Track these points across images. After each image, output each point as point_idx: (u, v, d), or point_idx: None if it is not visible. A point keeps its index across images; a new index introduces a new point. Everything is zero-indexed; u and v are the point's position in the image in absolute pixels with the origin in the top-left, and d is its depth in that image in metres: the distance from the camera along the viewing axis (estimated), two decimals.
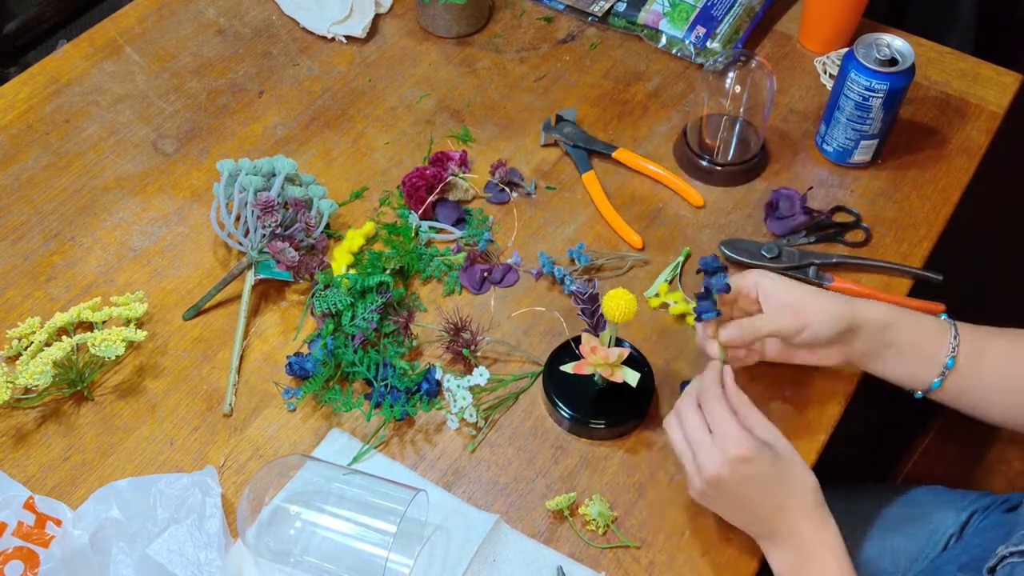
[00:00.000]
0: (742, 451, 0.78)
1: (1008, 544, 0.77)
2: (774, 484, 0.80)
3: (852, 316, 0.87)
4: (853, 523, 1.11)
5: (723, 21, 1.25)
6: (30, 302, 1.04)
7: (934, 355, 0.88)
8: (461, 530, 0.87)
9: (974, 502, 1.07)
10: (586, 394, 0.93)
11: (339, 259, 1.05)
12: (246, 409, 0.96)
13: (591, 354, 0.88)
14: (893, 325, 0.88)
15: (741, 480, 0.79)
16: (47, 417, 0.95)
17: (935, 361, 0.88)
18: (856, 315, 0.87)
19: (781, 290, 0.88)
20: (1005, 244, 1.76)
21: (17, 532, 0.83)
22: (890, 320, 0.88)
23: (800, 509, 0.80)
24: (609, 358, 0.88)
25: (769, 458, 0.79)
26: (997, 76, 1.24)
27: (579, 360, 0.89)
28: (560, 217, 1.11)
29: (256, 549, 0.83)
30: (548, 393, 0.94)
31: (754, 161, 1.14)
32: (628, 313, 0.83)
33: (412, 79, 1.26)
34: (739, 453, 0.78)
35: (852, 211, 1.10)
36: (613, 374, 0.88)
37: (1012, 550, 0.77)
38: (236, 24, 1.33)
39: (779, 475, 0.80)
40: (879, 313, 0.88)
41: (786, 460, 0.81)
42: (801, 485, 0.80)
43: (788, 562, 0.81)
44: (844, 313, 0.87)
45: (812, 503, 0.80)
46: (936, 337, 0.88)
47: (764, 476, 0.79)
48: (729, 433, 0.79)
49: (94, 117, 1.21)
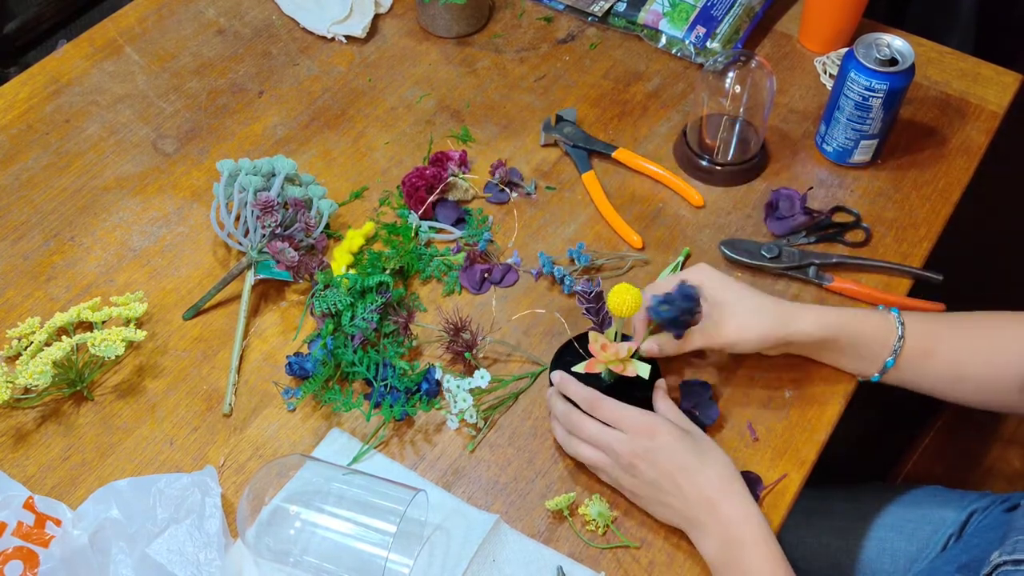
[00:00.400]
0: (645, 426, 0.83)
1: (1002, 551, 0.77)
2: (685, 456, 0.82)
3: (783, 336, 0.90)
4: (853, 523, 1.11)
5: (723, 21, 1.25)
6: (30, 302, 1.04)
7: (875, 356, 0.92)
8: (461, 530, 0.87)
9: (974, 502, 1.07)
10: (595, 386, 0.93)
11: (339, 259, 1.05)
12: (246, 409, 0.96)
13: (601, 351, 0.88)
14: (828, 339, 0.91)
15: (654, 456, 0.83)
16: (47, 417, 0.95)
17: (876, 361, 0.92)
18: (788, 334, 0.90)
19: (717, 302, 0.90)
20: (1005, 244, 1.76)
21: (17, 532, 0.83)
22: (826, 335, 0.91)
23: (718, 490, 0.82)
24: (620, 353, 0.88)
25: (675, 431, 0.83)
26: (997, 76, 1.24)
27: (587, 359, 0.89)
28: (560, 217, 1.11)
29: (256, 549, 0.83)
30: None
31: (754, 161, 1.14)
32: (635, 307, 0.83)
33: (412, 79, 1.26)
34: (643, 428, 0.83)
35: (852, 211, 1.10)
36: (624, 369, 0.88)
37: (1006, 559, 0.77)
38: (236, 24, 1.33)
39: (689, 448, 0.83)
40: (813, 328, 0.90)
41: (696, 436, 0.85)
42: (715, 462, 0.83)
43: (716, 548, 0.82)
44: (772, 333, 0.89)
45: (728, 482, 0.82)
46: (880, 340, 0.91)
47: (673, 448, 0.82)
48: (627, 416, 0.84)
49: (94, 117, 1.21)
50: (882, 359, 0.91)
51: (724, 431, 0.94)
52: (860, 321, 0.91)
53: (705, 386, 0.95)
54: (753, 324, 0.89)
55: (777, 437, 0.94)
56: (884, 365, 0.91)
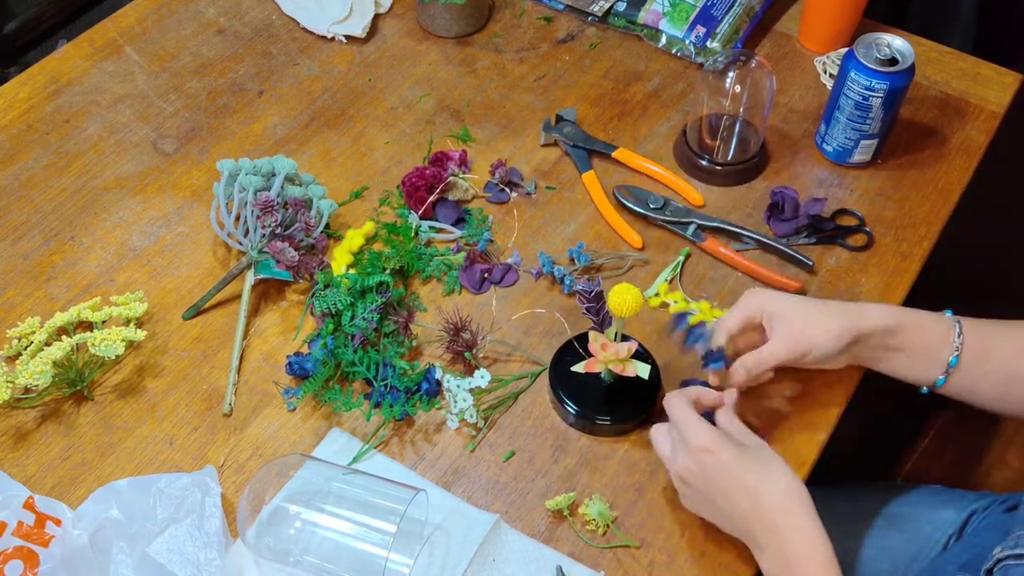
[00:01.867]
0: (702, 441, 0.81)
1: (1004, 546, 0.77)
2: (742, 475, 0.80)
3: (856, 329, 0.88)
4: (853, 522, 1.11)
5: (723, 21, 1.25)
6: (30, 302, 1.04)
7: (938, 355, 0.89)
8: (461, 530, 0.87)
9: (974, 502, 1.07)
10: (592, 391, 0.93)
11: (339, 259, 1.05)
12: (246, 409, 0.96)
13: (601, 351, 0.88)
14: (897, 329, 0.89)
15: (708, 471, 0.81)
16: (47, 417, 0.95)
17: (939, 360, 0.89)
18: (860, 326, 0.88)
19: (785, 312, 0.89)
20: (1005, 244, 1.76)
21: (17, 532, 0.83)
22: (894, 324, 0.89)
23: (778, 508, 0.79)
24: (619, 353, 0.88)
25: (732, 448, 0.81)
26: (997, 76, 1.24)
27: (587, 359, 0.89)
28: (560, 217, 1.11)
29: (256, 549, 0.83)
30: (555, 391, 0.94)
31: (754, 161, 1.14)
32: (635, 307, 0.84)
33: (412, 79, 1.26)
34: (699, 443, 0.81)
35: (856, 214, 1.10)
36: (624, 369, 0.88)
37: (1008, 553, 0.77)
38: (236, 24, 1.33)
39: (746, 466, 0.80)
40: (883, 319, 0.89)
41: (756, 454, 0.82)
42: (776, 480, 0.80)
43: (774, 570, 0.80)
44: (848, 329, 0.88)
45: (790, 501, 0.79)
46: (941, 337, 0.89)
47: (729, 465, 0.80)
48: (689, 428, 0.82)
49: (94, 117, 1.21)
50: (944, 358, 0.89)
51: None
52: (920, 316, 0.90)
53: (705, 386, 0.95)
54: (830, 324, 0.88)
55: (777, 437, 0.94)
56: (948, 364, 0.89)
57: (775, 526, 0.79)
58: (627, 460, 0.92)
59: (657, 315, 1.02)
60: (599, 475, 0.91)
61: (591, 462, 0.92)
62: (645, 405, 0.94)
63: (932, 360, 0.90)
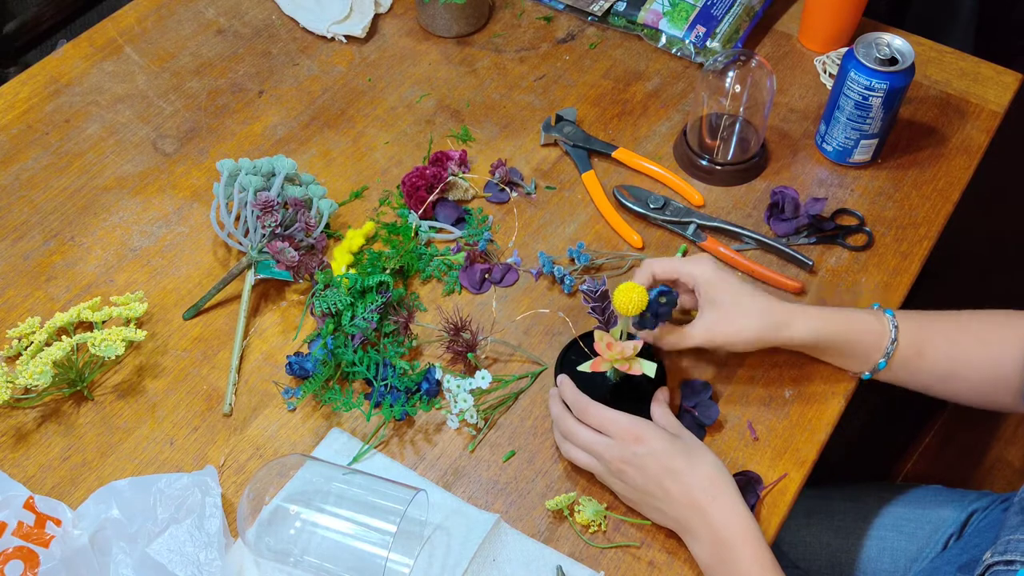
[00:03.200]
0: (632, 431, 0.84)
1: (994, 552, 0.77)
2: (672, 460, 0.82)
3: (775, 341, 0.90)
4: (853, 522, 1.11)
5: (723, 20, 1.25)
6: (30, 302, 1.04)
7: (867, 358, 0.92)
8: (461, 530, 0.87)
9: (974, 501, 1.08)
10: (597, 390, 0.93)
11: (339, 259, 1.05)
12: (246, 409, 0.96)
13: (607, 350, 0.88)
14: (824, 345, 0.92)
15: (641, 460, 0.83)
16: (47, 417, 0.95)
17: (868, 362, 0.92)
18: (779, 338, 0.90)
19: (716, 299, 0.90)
20: (1005, 244, 1.76)
21: (17, 532, 0.83)
22: (818, 340, 0.91)
23: (706, 492, 0.81)
24: (625, 352, 0.87)
25: (664, 436, 0.84)
26: (997, 76, 1.24)
27: (593, 358, 0.89)
28: (560, 217, 1.11)
29: (256, 549, 0.83)
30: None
31: (754, 160, 1.14)
32: (640, 305, 0.83)
33: (412, 79, 1.26)
34: (630, 433, 0.84)
35: (856, 214, 1.10)
36: (630, 367, 0.88)
37: (998, 559, 0.76)
38: (236, 24, 1.32)
39: (678, 451, 0.83)
40: (806, 334, 0.90)
41: (685, 440, 0.85)
42: (704, 464, 0.83)
43: (707, 552, 0.82)
44: (766, 339, 0.90)
45: (717, 485, 0.82)
46: (872, 343, 0.91)
47: (660, 452, 0.82)
48: (615, 422, 0.85)
49: (94, 117, 1.21)
50: (874, 360, 0.91)
51: (724, 431, 0.94)
52: (854, 324, 0.91)
53: (705, 386, 0.95)
54: (748, 326, 0.89)
55: (777, 437, 0.94)
56: (876, 366, 0.92)
57: (704, 509, 0.81)
58: None
59: None
60: None
61: None
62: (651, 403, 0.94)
63: (860, 361, 0.93)
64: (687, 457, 0.83)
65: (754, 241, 1.07)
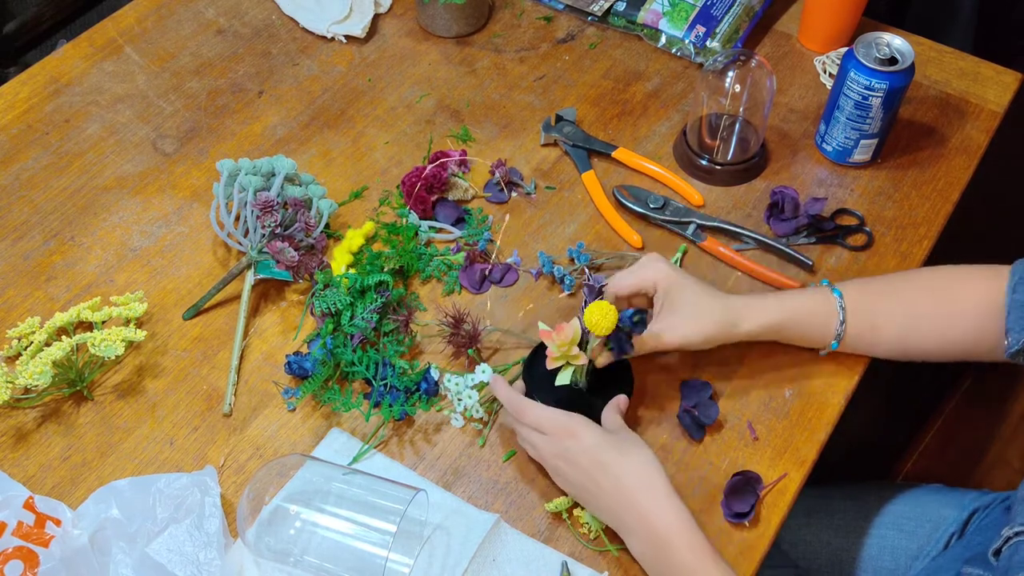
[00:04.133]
0: (564, 427, 0.84)
1: (1013, 524, 0.78)
2: (604, 453, 0.83)
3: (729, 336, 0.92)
4: (854, 521, 1.11)
5: (723, 20, 1.25)
6: (30, 302, 1.04)
7: (820, 339, 0.95)
8: (461, 529, 0.87)
9: (975, 500, 1.08)
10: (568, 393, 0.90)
11: (339, 259, 1.05)
12: (246, 409, 0.96)
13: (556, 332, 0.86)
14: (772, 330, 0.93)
15: (574, 456, 0.83)
16: (47, 417, 0.95)
17: (822, 341, 0.95)
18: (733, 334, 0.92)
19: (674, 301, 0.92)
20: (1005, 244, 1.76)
21: (17, 532, 0.83)
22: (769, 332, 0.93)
23: (635, 484, 0.82)
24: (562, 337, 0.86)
25: (596, 431, 0.84)
26: (997, 76, 1.24)
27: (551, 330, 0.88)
28: (560, 217, 1.11)
29: (256, 549, 0.83)
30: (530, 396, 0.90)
31: (754, 160, 1.14)
32: (610, 324, 0.83)
33: (412, 79, 1.26)
34: (561, 429, 0.84)
35: (856, 214, 1.10)
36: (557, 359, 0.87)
37: (1018, 530, 0.77)
38: (236, 24, 1.33)
39: (610, 445, 0.83)
40: (757, 329, 0.92)
41: (620, 438, 0.85)
42: (635, 457, 0.83)
43: (642, 546, 0.82)
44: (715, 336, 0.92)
45: (647, 476, 0.82)
46: (821, 325, 0.94)
47: (592, 448, 0.83)
48: (548, 419, 0.85)
49: (94, 117, 1.21)
50: (827, 341, 0.94)
51: (724, 431, 0.94)
52: (802, 309, 0.94)
53: (705, 386, 0.95)
54: (699, 328, 0.91)
55: (777, 437, 0.94)
56: (830, 347, 0.95)
57: (634, 501, 0.81)
58: None
59: None
60: None
61: None
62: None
63: (816, 342, 0.95)
64: (618, 451, 0.83)
65: (754, 241, 1.07)
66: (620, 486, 0.82)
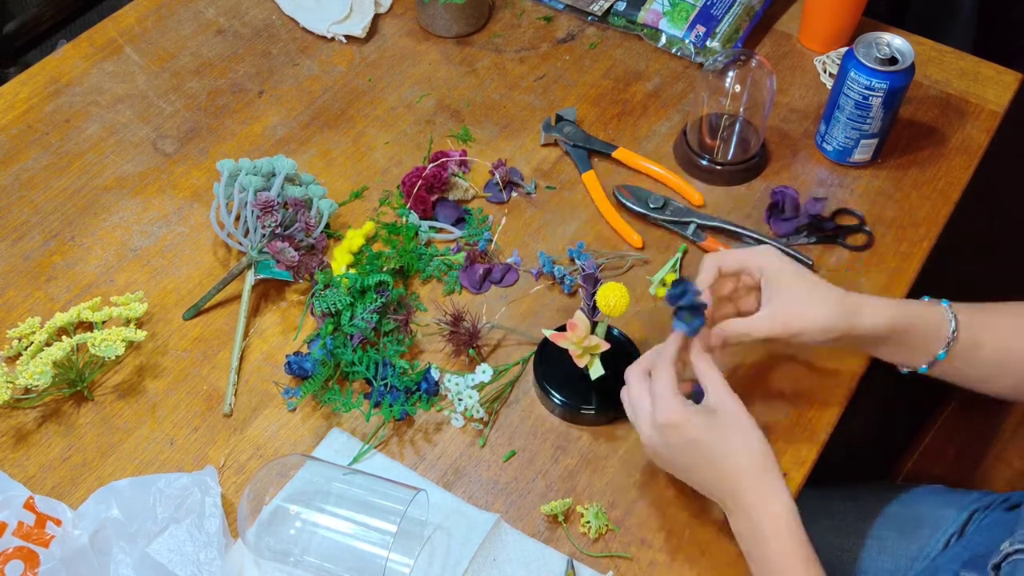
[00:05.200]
0: (670, 417, 0.80)
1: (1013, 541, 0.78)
2: (709, 449, 0.80)
3: (849, 328, 0.86)
4: (853, 522, 1.11)
5: (723, 20, 1.25)
6: (30, 302, 1.04)
7: (928, 349, 0.89)
8: (461, 530, 0.87)
9: (975, 501, 1.08)
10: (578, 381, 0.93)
11: (339, 259, 1.05)
12: (246, 409, 0.96)
13: (570, 331, 0.87)
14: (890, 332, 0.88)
15: (674, 446, 0.81)
16: (47, 417, 0.95)
17: (928, 353, 0.89)
18: (853, 325, 0.86)
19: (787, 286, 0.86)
20: (1005, 244, 1.76)
21: (17, 532, 0.83)
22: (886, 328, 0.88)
23: (744, 478, 0.79)
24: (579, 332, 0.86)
25: (702, 425, 0.80)
26: (997, 75, 1.24)
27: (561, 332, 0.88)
28: (560, 217, 1.11)
29: (256, 549, 0.83)
30: (540, 383, 0.94)
31: (754, 160, 1.14)
32: (623, 305, 0.83)
33: (412, 79, 1.26)
34: (667, 419, 0.80)
35: (856, 213, 1.10)
36: (581, 355, 0.87)
37: (1017, 547, 0.77)
38: (236, 24, 1.32)
39: (714, 441, 0.80)
40: (878, 322, 0.87)
41: (726, 426, 0.81)
42: (744, 451, 0.80)
43: (744, 528, 0.81)
44: (840, 327, 0.86)
45: (757, 470, 0.79)
46: (933, 333, 0.88)
47: (696, 442, 0.80)
48: (660, 400, 0.81)
49: (94, 117, 1.21)
50: (934, 352, 0.88)
51: None
52: (916, 314, 0.89)
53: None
54: (819, 315, 0.85)
55: (777, 437, 0.94)
56: (935, 357, 0.89)
57: (738, 496, 0.80)
58: (627, 460, 0.92)
59: (657, 310, 1.02)
60: (599, 475, 0.91)
61: (591, 462, 0.92)
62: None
63: (921, 353, 0.89)
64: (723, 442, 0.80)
65: (754, 241, 1.07)
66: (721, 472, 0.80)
